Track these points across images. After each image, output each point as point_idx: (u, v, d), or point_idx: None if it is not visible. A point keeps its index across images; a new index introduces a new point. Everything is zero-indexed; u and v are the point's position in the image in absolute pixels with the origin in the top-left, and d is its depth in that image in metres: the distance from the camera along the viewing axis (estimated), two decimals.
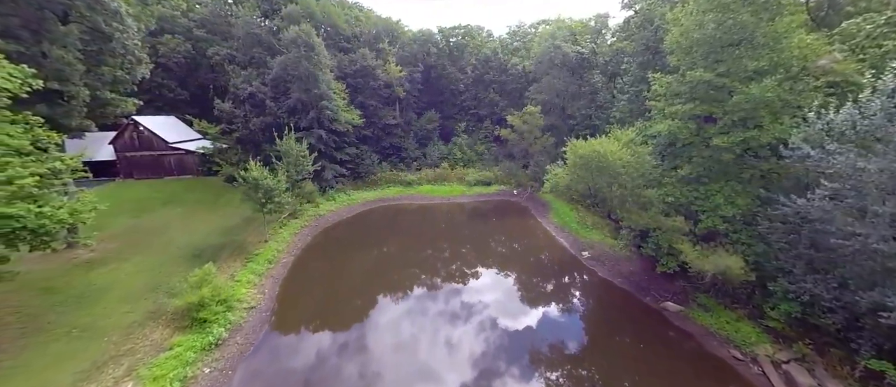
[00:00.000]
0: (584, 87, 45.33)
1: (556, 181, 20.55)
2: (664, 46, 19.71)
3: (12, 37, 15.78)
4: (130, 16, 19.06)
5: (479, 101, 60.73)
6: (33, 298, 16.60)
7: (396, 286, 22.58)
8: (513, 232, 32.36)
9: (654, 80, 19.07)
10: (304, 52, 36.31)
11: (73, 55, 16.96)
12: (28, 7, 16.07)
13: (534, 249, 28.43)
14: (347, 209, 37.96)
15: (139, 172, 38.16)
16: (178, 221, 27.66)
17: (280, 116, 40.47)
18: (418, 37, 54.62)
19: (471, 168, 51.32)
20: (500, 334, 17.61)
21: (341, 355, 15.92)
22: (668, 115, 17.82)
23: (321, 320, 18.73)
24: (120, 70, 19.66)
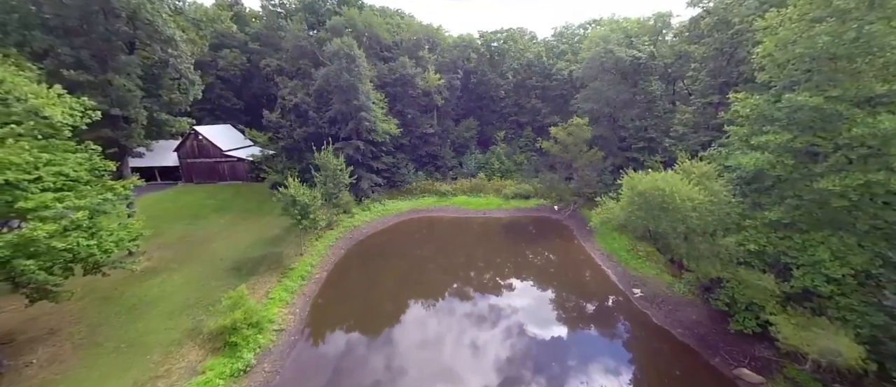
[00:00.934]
0: (638, 95, 41.05)
1: (608, 216, 18.08)
2: (753, 59, 16.32)
3: (83, 67, 17.25)
4: (184, 41, 20.10)
5: (519, 107, 58.15)
6: (95, 307, 18.01)
7: (421, 315, 21.71)
8: (552, 257, 29.95)
9: (737, 101, 15.91)
10: (346, 64, 36.82)
11: (133, 82, 18.18)
12: (99, 40, 17.46)
13: (575, 281, 25.85)
14: (381, 220, 37.93)
15: (198, 176, 41.45)
16: (224, 230, 29.21)
17: (321, 126, 41.67)
18: (458, 43, 53.46)
19: (509, 179, 49.11)
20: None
21: None
22: (754, 145, 14.67)
23: (347, 344, 18.43)
24: (175, 93, 20.85)
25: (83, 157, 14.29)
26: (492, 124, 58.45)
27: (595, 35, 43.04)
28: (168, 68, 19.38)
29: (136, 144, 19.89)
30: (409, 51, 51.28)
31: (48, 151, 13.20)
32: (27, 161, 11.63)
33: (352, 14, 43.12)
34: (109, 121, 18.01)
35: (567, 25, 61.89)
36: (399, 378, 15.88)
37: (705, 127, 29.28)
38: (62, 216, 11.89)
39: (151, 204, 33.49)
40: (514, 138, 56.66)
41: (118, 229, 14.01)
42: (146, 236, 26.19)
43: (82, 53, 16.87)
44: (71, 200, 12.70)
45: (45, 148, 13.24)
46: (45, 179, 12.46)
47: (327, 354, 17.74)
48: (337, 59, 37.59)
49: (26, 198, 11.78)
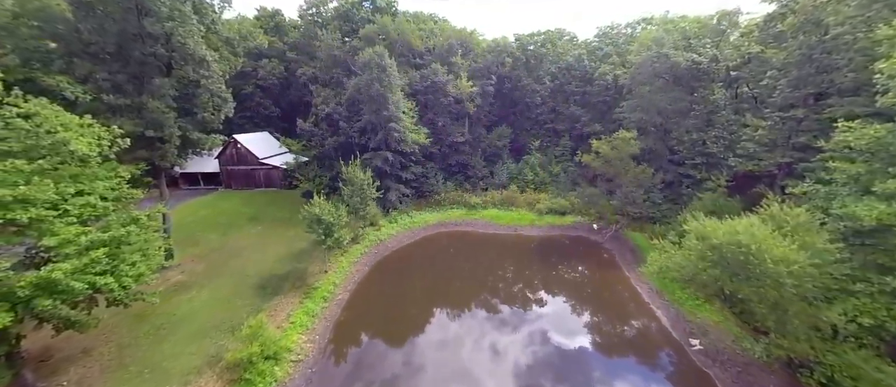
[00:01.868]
0: (696, 104, 36.42)
1: (667, 265, 15.24)
2: (877, 78, 12.71)
3: (121, 92, 17.68)
4: (216, 60, 20.12)
5: (556, 114, 54.71)
6: (127, 324, 18.46)
7: (443, 345, 20.24)
8: (590, 289, 27.05)
9: (847, 130, 12.56)
10: (376, 74, 36.22)
11: (167, 104, 18.40)
12: (135, 64, 17.82)
13: (618, 322, 22.83)
14: (408, 234, 36.95)
15: (236, 183, 43.16)
16: (255, 242, 29.65)
17: (351, 135, 41.60)
18: (492, 47, 51.23)
19: (543, 192, 46.17)
20: None
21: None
22: (875, 190, 11.37)
23: (365, 379, 17.37)
24: (206, 112, 21.03)
25: (112, 184, 14.34)
26: (526, 132, 55.56)
27: (646, 37, 38.89)
28: (200, 89, 19.50)
29: (170, 163, 20.29)
30: (441, 57, 49.95)
31: (78, 182, 13.25)
32: (52, 198, 11.58)
33: (385, 22, 42.57)
34: (145, 142, 18.41)
35: (612, 25, 57.25)
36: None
37: (785, 146, 24.86)
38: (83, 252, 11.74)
39: (192, 210, 35.08)
40: (550, 147, 53.38)
41: (140, 260, 13.89)
42: (182, 247, 27.38)
43: (119, 77, 17.31)
44: (95, 233, 12.61)
45: (75, 177, 13.34)
46: (71, 211, 12.43)
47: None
48: (368, 69, 37.12)
49: (51, 234, 11.75)
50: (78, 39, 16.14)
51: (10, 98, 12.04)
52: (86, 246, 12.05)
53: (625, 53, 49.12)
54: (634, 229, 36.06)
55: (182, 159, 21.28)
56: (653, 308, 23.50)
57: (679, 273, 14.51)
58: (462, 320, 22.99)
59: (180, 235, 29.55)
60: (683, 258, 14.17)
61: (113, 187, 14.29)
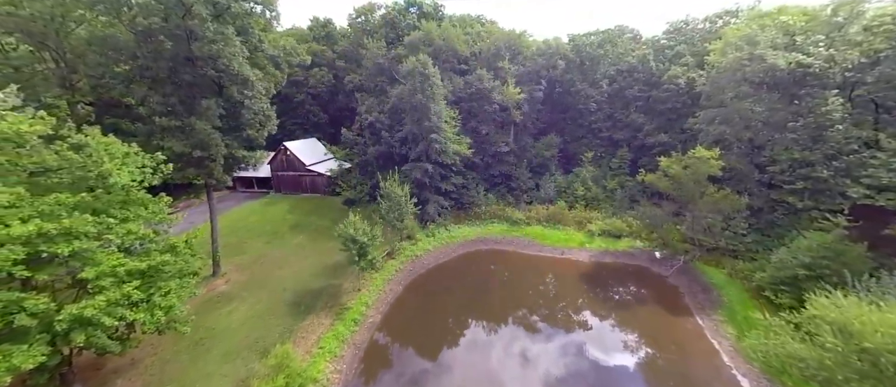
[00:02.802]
0: (800, 116, 29.80)
1: (780, 354, 11.43)
2: None
3: (173, 113, 18.35)
4: (260, 79, 20.19)
5: (614, 122, 49.45)
6: (170, 337, 19.12)
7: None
8: (655, 336, 22.87)
9: None
10: (419, 84, 35.12)
11: (213, 124, 18.76)
12: (187, 87, 18.39)
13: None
14: (444, 251, 35.37)
15: (285, 187, 45.16)
16: (296, 252, 30.19)
17: (393, 144, 41.15)
18: (543, 49, 47.61)
19: (596, 210, 41.73)
20: None
21: None
22: None
23: None
24: (251, 130, 21.29)
25: (156, 208, 14.56)
26: (578, 141, 51.05)
27: (733, 34, 32.73)
28: (243, 109, 19.69)
29: (217, 180, 20.90)
30: (487, 61, 47.63)
31: (124, 208, 13.50)
32: (92, 230, 11.73)
33: (430, 28, 41.38)
34: (193, 161, 19.02)
35: (686, 19, 50.14)
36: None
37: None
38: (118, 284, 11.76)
39: (244, 216, 37.09)
40: (605, 159, 48.35)
41: (175, 288, 13.91)
42: (230, 254, 28.64)
43: (172, 100, 17.98)
44: (133, 262, 12.69)
45: (123, 203, 13.62)
46: (113, 240, 12.58)
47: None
48: (411, 79, 36.20)
49: (93, 263, 11.91)
50: (136, 65, 16.98)
51: (64, 130, 12.52)
52: (121, 279, 12.11)
53: (702, 53, 42.52)
54: (708, 263, 30.72)
55: (227, 176, 21.83)
56: (740, 380, 18.79)
57: (802, 368, 10.63)
58: (496, 360, 20.74)
59: (230, 241, 31.15)
60: (813, 357, 10.15)
61: (155, 212, 14.50)
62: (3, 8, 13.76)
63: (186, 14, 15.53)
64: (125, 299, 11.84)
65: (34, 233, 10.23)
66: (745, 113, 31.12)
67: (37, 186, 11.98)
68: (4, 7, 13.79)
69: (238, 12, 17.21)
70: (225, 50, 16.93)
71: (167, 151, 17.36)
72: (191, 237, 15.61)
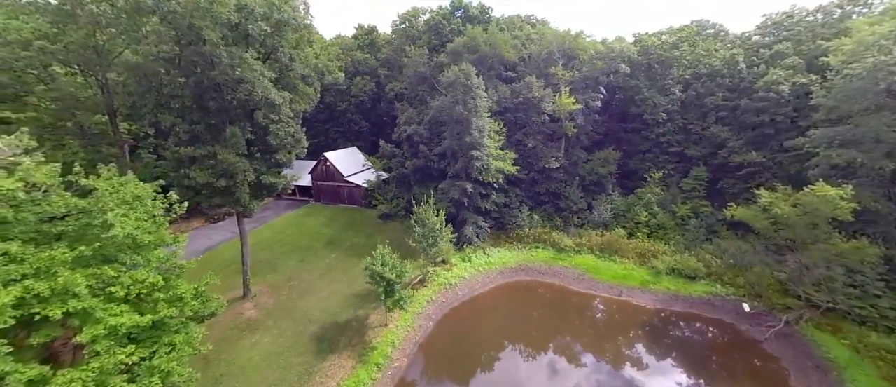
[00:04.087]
0: None
1: None
2: None
3: (200, 142, 17.58)
4: (289, 102, 18.79)
5: (687, 135, 42.31)
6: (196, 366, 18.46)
7: None
8: None
9: None
10: (461, 96, 32.25)
11: (238, 152, 17.70)
12: (213, 114, 17.52)
13: None
14: (482, 279, 32.18)
15: (324, 197, 45.21)
16: (327, 275, 29.22)
17: (431, 159, 38.84)
18: (603, 53, 41.95)
19: (662, 242, 35.59)
20: None
21: None
22: None
23: None
24: (279, 154, 20.08)
25: (165, 254, 13.47)
26: (641, 156, 44.57)
27: (867, 31, 25.03)
28: (268, 135, 18.44)
29: (243, 207, 20.03)
30: (537, 67, 43.23)
31: (136, 253, 12.49)
32: (89, 286, 10.65)
33: (475, 33, 38.29)
34: (219, 190, 18.19)
35: (792, 10, 41.13)
36: None
37: None
38: (113, 350, 10.57)
39: (281, 228, 37.31)
40: (674, 178, 41.43)
41: (180, 343, 12.65)
42: (262, 272, 28.35)
43: (198, 128, 17.22)
44: (137, 318, 11.53)
45: (135, 247, 12.63)
46: (116, 293, 11.49)
47: None
48: (452, 90, 33.47)
49: (93, 321, 10.85)
50: (165, 93, 16.41)
51: (73, 174, 11.71)
52: (120, 341, 10.94)
53: (813, 54, 34.26)
54: (823, 328, 23.89)
55: (256, 203, 20.91)
56: None
57: None
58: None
59: (265, 256, 31.08)
60: None
61: (167, 258, 13.40)
62: (38, 43, 13.59)
63: (198, 40, 14.44)
64: (120, 365, 10.65)
65: (17, 298, 9.25)
66: (885, 134, 23.62)
67: (45, 236, 11.24)
68: (39, 42, 13.63)
69: (257, 34, 15.77)
70: (246, 74, 15.62)
71: (191, 180, 16.52)
72: (201, 285, 14.36)
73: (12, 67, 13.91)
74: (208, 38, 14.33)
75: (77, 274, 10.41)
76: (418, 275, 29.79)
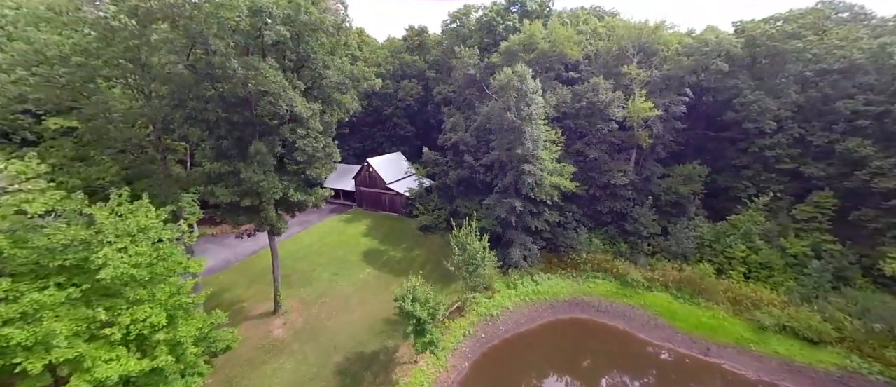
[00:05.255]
0: None
1: None
2: None
3: (226, 157, 16.49)
4: (318, 114, 16.93)
5: (806, 148, 33.43)
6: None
7: None
8: None
9: None
10: (513, 103, 28.35)
11: (264, 169, 16.26)
12: (240, 128, 16.29)
13: None
14: (528, 312, 28.10)
15: (367, 204, 44.43)
16: (360, 292, 27.67)
17: (477, 170, 35.43)
18: (692, 47, 34.68)
19: (768, 287, 27.95)
20: None
21: None
22: None
23: None
24: (310, 169, 18.43)
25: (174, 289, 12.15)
26: (735, 174, 36.30)
27: None
28: (295, 151, 16.76)
29: (271, 225, 18.78)
30: (604, 66, 37.33)
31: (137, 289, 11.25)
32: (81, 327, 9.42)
33: (533, 30, 33.94)
34: (243, 209, 17.04)
35: None
36: None
37: None
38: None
39: (322, 234, 36.94)
40: (783, 202, 32.72)
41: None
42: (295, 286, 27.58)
43: (225, 143, 16.12)
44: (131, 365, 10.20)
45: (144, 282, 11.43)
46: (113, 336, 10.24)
47: None
48: (503, 94, 29.67)
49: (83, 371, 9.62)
50: (191, 106, 15.51)
51: (72, 200, 10.69)
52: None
53: None
54: None
55: (284, 222, 19.58)
56: None
57: None
58: None
59: (301, 266, 30.49)
60: None
61: (173, 293, 12.05)
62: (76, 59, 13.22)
63: (207, 51, 13.01)
64: None
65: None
66: None
67: (44, 269, 10.33)
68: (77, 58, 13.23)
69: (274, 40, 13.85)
70: (267, 86, 13.90)
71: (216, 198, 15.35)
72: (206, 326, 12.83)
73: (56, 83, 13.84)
74: (215, 47, 12.85)
75: (59, 323, 9.20)
76: (456, 302, 26.76)
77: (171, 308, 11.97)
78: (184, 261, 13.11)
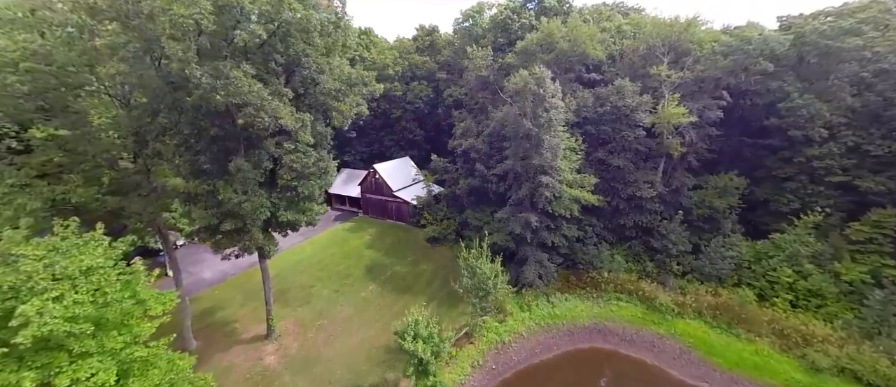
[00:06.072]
0: None
1: None
2: None
3: (205, 174, 14.62)
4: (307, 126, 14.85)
5: (862, 159, 29.60)
6: None
7: None
8: None
9: None
10: (530, 108, 25.79)
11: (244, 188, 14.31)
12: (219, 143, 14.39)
13: None
14: (543, 339, 25.59)
15: (372, 211, 42.54)
16: (360, 312, 25.74)
17: (489, 179, 32.90)
18: (731, 46, 31.21)
19: (818, 317, 24.53)
20: None
21: None
22: None
23: None
24: (300, 186, 16.41)
25: (131, 336, 10.23)
26: (777, 186, 32.66)
27: None
28: (281, 168, 14.77)
29: (258, 247, 16.87)
30: (631, 67, 34.25)
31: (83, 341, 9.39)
32: None
33: (551, 28, 31.17)
34: (225, 232, 15.17)
35: None
36: None
37: None
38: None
39: (324, 245, 35.16)
40: (833, 219, 29.01)
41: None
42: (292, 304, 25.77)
43: (201, 159, 14.28)
44: None
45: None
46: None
47: None
48: (519, 98, 27.14)
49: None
50: (163, 119, 13.70)
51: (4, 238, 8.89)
52: None
53: None
54: None
55: (273, 244, 17.66)
56: None
57: None
58: None
59: (300, 281, 28.72)
60: None
61: (133, 341, 10.16)
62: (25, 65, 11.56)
63: (162, 56, 11.08)
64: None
65: None
66: None
67: None
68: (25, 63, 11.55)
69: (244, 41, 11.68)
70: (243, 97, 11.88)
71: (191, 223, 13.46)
72: (169, 378, 10.92)
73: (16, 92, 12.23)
74: (171, 51, 10.87)
75: None
76: (464, 327, 24.45)
77: (125, 360, 10.08)
78: (146, 299, 11.25)
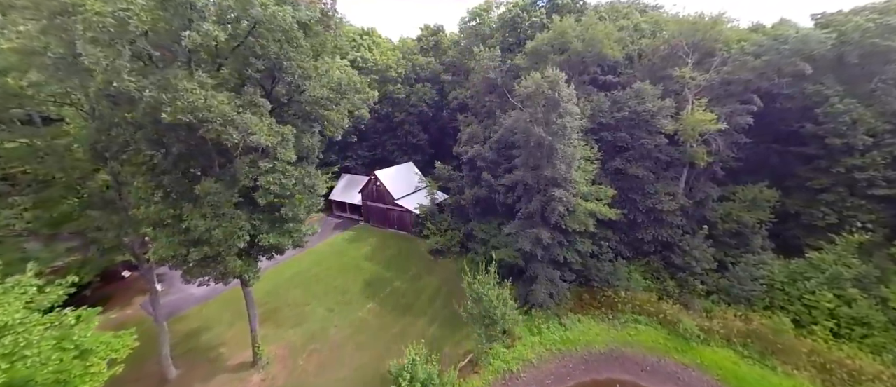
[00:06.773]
0: None
1: None
2: None
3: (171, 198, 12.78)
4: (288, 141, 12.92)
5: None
6: None
7: None
8: None
9: None
10: (542, 114, 23.58)
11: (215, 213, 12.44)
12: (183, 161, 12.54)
13: None
14: (555, 368, 23.43)
15: (374, 219, 40.71)
16: (356, 335, 23.89)
17: (496, 190, 30.72)
18: (763, 45, 28.52)
19: (864, 349, 21.89)
20: None
21: None
22: None
23: None
24: (284, 207, 14.50)
25: None
26: (811, 196, 29.80)
27: None
28: (256, 190, 12.88)
29: (238, 275, 15.03)
30: (651, 69, 31.72)
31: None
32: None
33: (564, 26, 28.86)
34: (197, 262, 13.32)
35: None
36: None
37: None
38: None
39: (323, 256, 33.44)
40: (875, 233, 26.20)
41: None
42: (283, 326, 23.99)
43: (165, 181, 12.46)
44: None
45: None
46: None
47: None
48: (530, 103, 24.96)
49: None
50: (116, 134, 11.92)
51: None
52: None
53: None
54: None
55: (254, 273, 15.79)
56: None
57: None
58: None
59: (294, 297, 27.01)
60: None
61: None
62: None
63: (77, 57, 9.17)
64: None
65: None
66: None
67: None
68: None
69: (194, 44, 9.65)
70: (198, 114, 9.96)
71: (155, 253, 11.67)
72: None
73: None
74: (90, 58, 9.00)
75: None
76: (468, 354, 22.39)
77: None
78: (93, 348, 9.44)
